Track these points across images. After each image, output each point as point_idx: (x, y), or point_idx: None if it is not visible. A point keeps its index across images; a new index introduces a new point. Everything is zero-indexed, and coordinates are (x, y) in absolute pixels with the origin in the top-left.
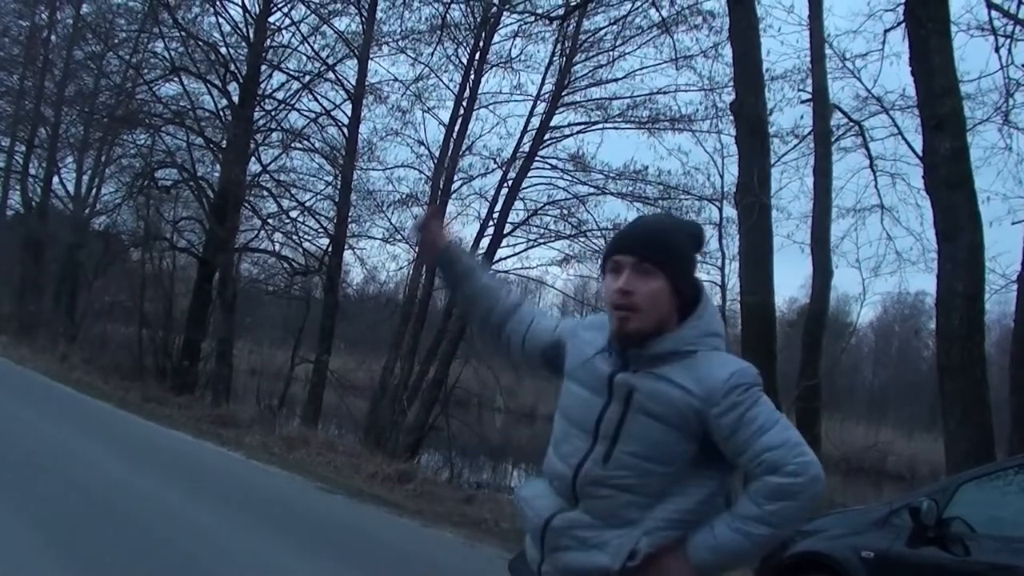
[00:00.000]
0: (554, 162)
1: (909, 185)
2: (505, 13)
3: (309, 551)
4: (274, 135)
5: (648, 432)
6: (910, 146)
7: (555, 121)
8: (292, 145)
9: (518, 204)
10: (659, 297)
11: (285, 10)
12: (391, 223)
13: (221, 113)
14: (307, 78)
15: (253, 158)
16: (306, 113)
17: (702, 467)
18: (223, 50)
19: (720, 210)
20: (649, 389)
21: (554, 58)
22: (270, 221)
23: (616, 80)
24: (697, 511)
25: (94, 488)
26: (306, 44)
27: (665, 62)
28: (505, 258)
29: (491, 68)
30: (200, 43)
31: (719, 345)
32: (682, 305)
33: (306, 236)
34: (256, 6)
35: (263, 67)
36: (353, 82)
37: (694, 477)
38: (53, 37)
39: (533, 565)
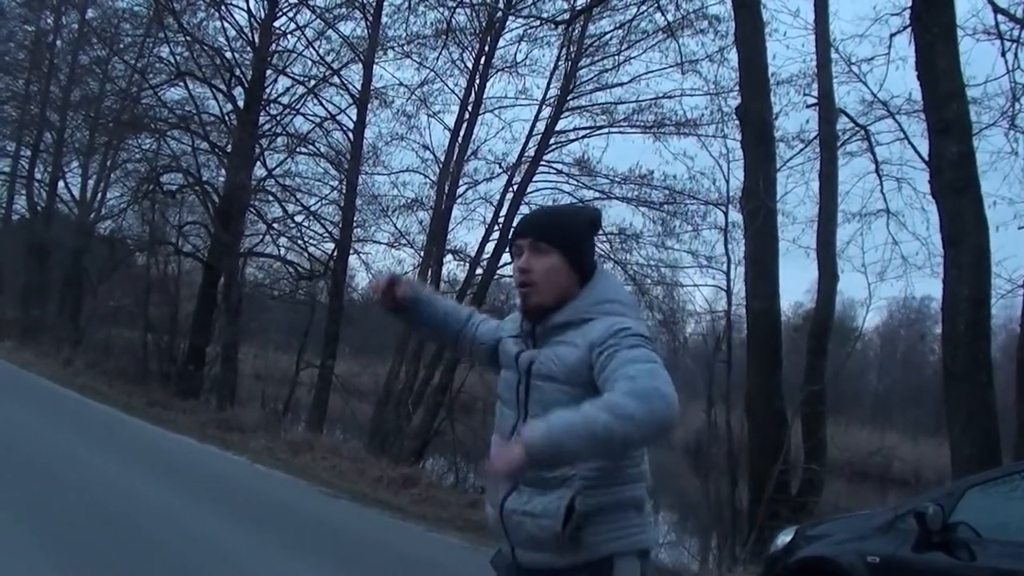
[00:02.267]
0: (559, 166)
1: (915, 190)
2: (510, 17)
3: (313, 556)
4: (279, 140)
5: (544, 394)
6: (916, 150)
7: (560, 125)
8: (297, 150)
9: (523, 209)
10: (555, 272)
11: (290, 15)
12: (396, 228)
13: (226, 118)
14: (312, 83)
15: (258, 163)
16: (311, 118)
17: None
18: (228, 55)
19: (725, 214)
20: (546, 356)
21: (559, 62)
22: (275, 226)
23: (621, 84)
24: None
25: (97, 492)
26: (311, 49)
27: (670, 66)
28: (510, 263)
29: (496, 72)
30: (205, 48)
31: (617, 310)
32: (582, 280)
33: (311, 241)
34: (261, 11)
35: (268, 72)
36: (358, 87)
37: None
38: (58, 42)
39: (507, 556)
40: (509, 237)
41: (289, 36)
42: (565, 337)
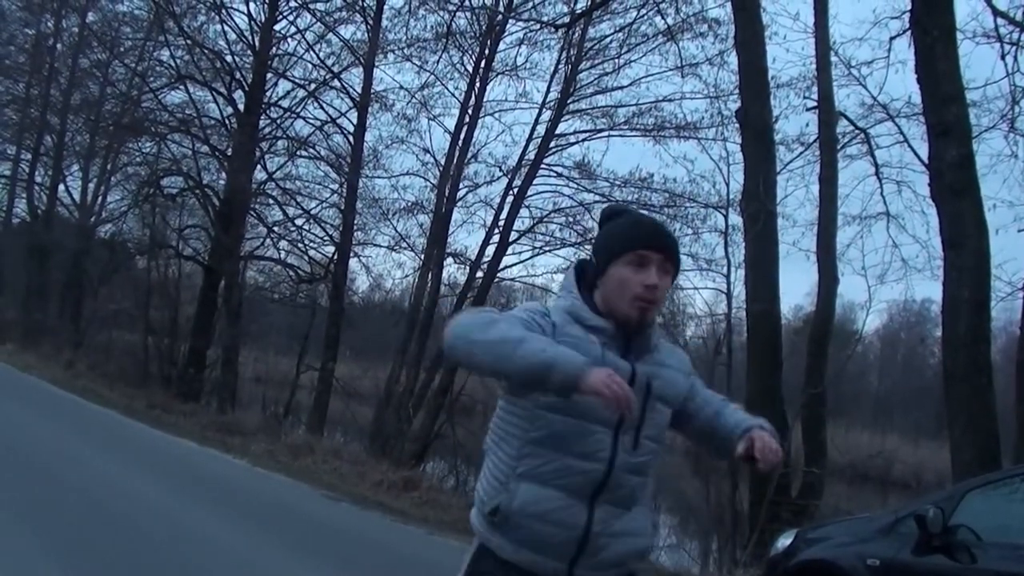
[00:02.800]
0: (559, 170)
1: (915, 192)
2: (510, 21)
3: (314, 559)
4: (280, 143)
5: (661, 417)
6: (916, 153)
7: (560, 129)
8: (298, 153)
9: (523, 212)
10: (667, 293)
11: (291, 18)
12: (397, 231)
13: (227, 121)
14: (313, 86)
15: (259, 166)
16: (312, 121)
17: None
18: (229, 58)
19: (726, 218)
20: (663, 376)
21: (559, 66)
22: (276, 229)
23: (621, 88)
24: None
25: (98, 494)
26: (312, 52)
27: (670, 70)
28: (511, 266)
29: (496, 76)
30: (206, 51)
31: None
32: None
33: (312, 244)
34: (262, 14)
35: (269, 75)
36: (359, 90)
37: None
38: (59, 45)
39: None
40: (628, 241)
41: (289, 39)
42: (662, 359)
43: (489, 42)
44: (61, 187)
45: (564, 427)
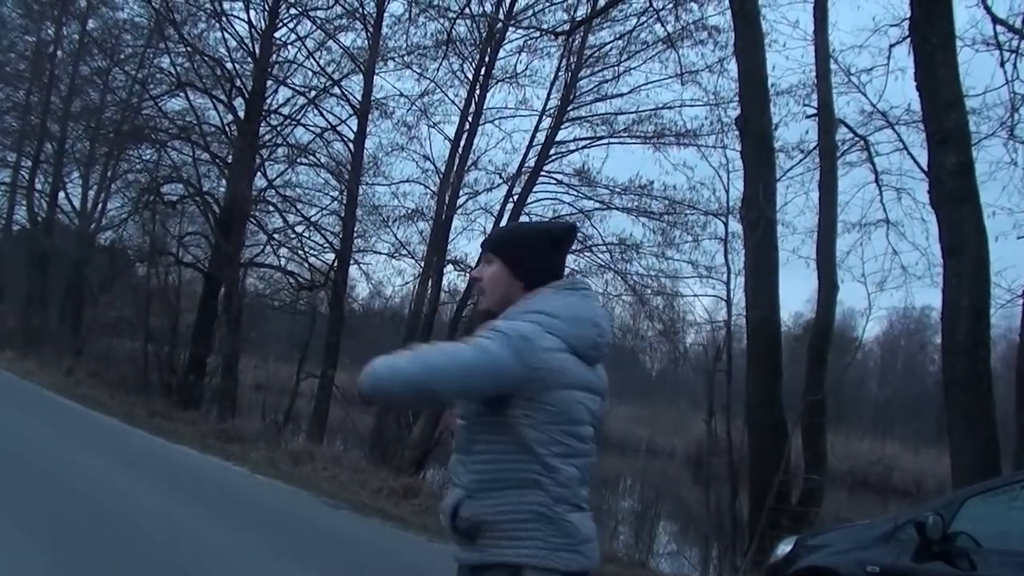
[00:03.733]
0: (559, 177)
1: (914, 200)
2: (510, 28)
3: (314, 566)
4: (280, 150)
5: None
6: (915, 161)
7: (560, 136)
8: (298, 160)
9: (524, 219)
10: (496, 279)
11: (291, 26)
12: (397, 238)
13: (227, 128)
14: (313, 93)
15: (259, 173)
16: (312, 128)
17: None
18: (229, 65)
19: (725, 225)
20: None
21: (559, 73)
22: (276, 236)
23: (621, 95)
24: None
25: (99, 503)
26: (312, 59)
27: (670, 77)
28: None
29: (496, 83)
30: (206, 58)
31: (538, 320)
32: (532, 288)
33: (312, 251)
34: (262, 22)
35: (269, 82)
36: (359, 97)
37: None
38: (59, 52)
39: None
40: None
41: (290, 47)
42: None
43: (489, 49)
44: (61, 194)
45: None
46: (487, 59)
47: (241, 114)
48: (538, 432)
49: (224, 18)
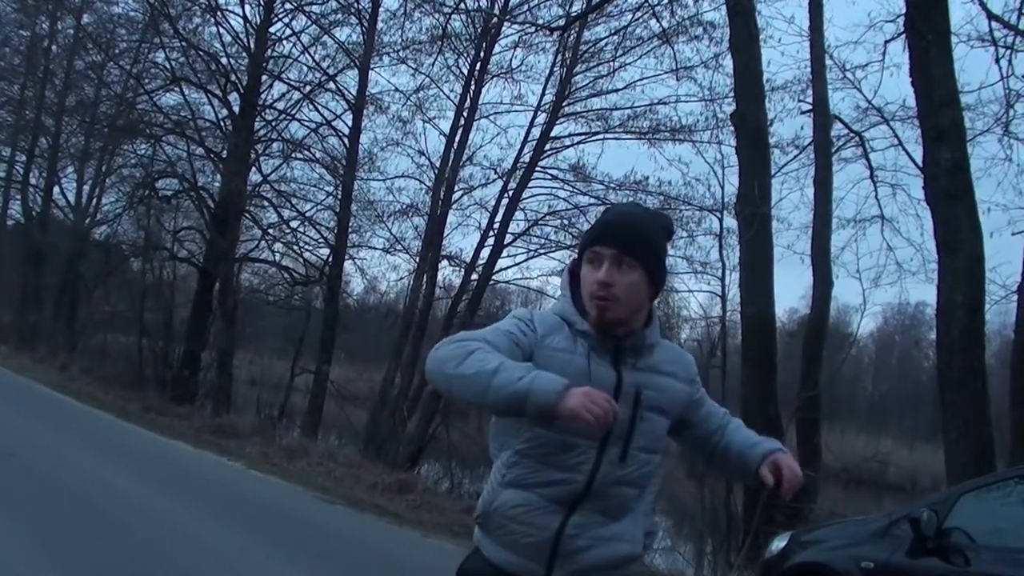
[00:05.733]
0: (555, 172)
1: (909, 196)
2: (506, 24)
3: (308, 561)
4: (275, 145)
5: (654, 426)
6: (910, 157)
7: (555, 131)
8: (293, 155)
9: (519, 214)
10: (636, 289)
11: (286, 20)
12: (392, 233)
13: (222, 123)
14: (308, 88)
15: (253, 168)
16: (307, 123)
17: None
18: (224, 60)
19: (720, 221)
20: (655, 385)
21: (555, 69)
22: (270, 231)
23: (617, 91)
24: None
25: (92, 497)
26: (307, 54)
27: (666, 73)
28: (505, 268)
29: (492, 78)
30: (201, 53)
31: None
32: (654, 294)
33: (306, 246)
34: (257, 16)
35: (264, 77)
36: (354, 92)
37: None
38: (54, 47)
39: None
40: (584, 240)
41: (285, 42)
42: (657, 364)
43: (484, 45)
44: (56, 189)
45: (547, 440)
46: (482, 54)
47: (236, 109)
48: None
49: (219, 13)
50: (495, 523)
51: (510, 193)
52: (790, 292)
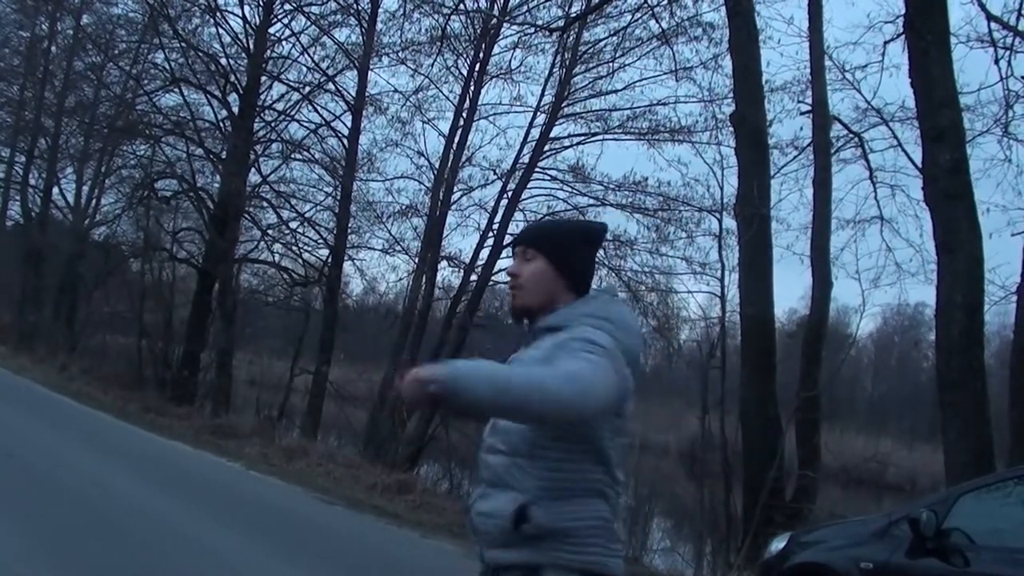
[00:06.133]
0: (554, 173)
1: (909, 197)
2: (505, 25)
3: (308, 562)
4: (274, 146)
5: None
6: (910, 158)
7: (555, 132)
8: (292, 156)
9: (518, 215)
10: (539, 277)
11: (285, 21)
12: (391, 234)
13: (221, 124)
14: (307, 89)
15: (253, 169)
16: (306, 124)
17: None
18: (223, 61)
19: (720, 221)
20: (522, 358)
21: (554, 69)
22: (270, 232)
23: (616, 91)
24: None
25: (92, 499)
26: (306, 55)
27: (665, 73)
28: (505, 269)
29: (491, 79)
30: (200, 54)
31: (602, 326)
32: (574, 289)
33: (306, 247)
34: (256, 17)
35: (263, 78)
36: (353, 93)
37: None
38: (53, 48)
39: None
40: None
41: (284, 42)
42: (542, 341)
43: (484, 45)
44: (55, 190)
45: None
46: (482, 55)
47: (235, 110)
48: (609, 444)
49: (218, 13)
50: None
51: (509, 194)
52: (789, 293)
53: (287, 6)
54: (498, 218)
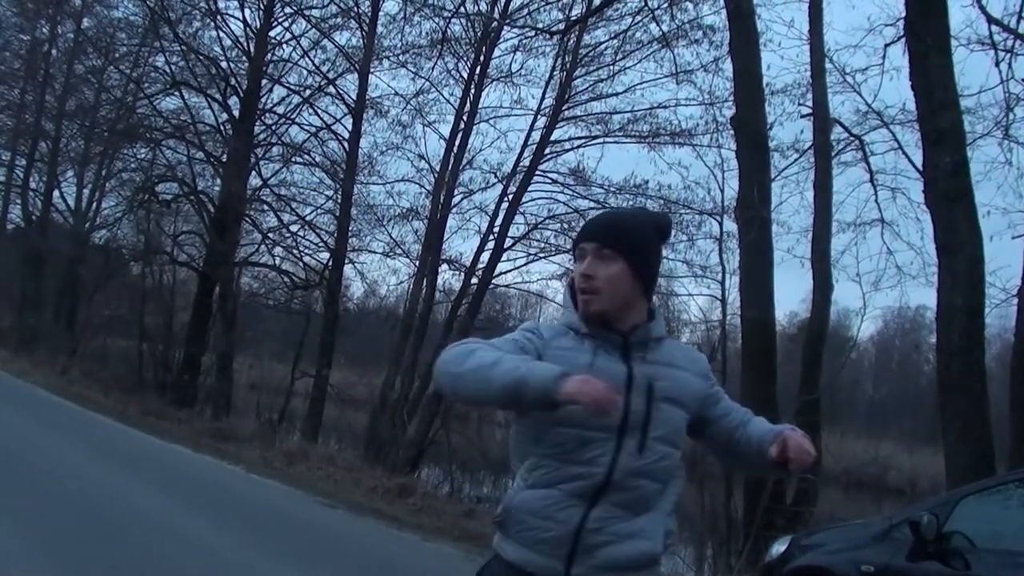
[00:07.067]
0: (555, 176)
1: (909, 199)
2: (506, 28)
3: (308, 566)
4: (275, 149)
5: (671, 418)
6: (910, 160)
7: (555, 135)
8: (293, 159)
9: (518, 218)
10: (618, 280)
11: (286, 24)
12: (391, 237)
13: (222, 127)
14: (308, 92)
15: (253, 172)
16: (307, 127)
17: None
18: (224, 64)
19: (720, 224)
20: (668, 376)
21: (554, 72)
22: (270, 235)
23: (616, 94)
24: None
25: (92, 502)
26: (307, 58)
27: (665, 76)
28: (505, 272)
29: (492, 82)
30: (201, 57)
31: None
32: (646, 291)
33: (306, 250)
34: (257, 20)
35: (264, 81)
36: (354, 96)
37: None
38: (54, 51)
39: (549, 574)
40: (574, 240)
41: (284, 46)
42: (669, 358)
43: (484, 48)
44: (56, 193)
45: (565, 438)
46: (482, 58)
47: (236, 113)
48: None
49: (219, 17)
50: (515, 520)
51: (510, 197)
52: (790, 296)
53: (287, 9)
54: (499, 221)
